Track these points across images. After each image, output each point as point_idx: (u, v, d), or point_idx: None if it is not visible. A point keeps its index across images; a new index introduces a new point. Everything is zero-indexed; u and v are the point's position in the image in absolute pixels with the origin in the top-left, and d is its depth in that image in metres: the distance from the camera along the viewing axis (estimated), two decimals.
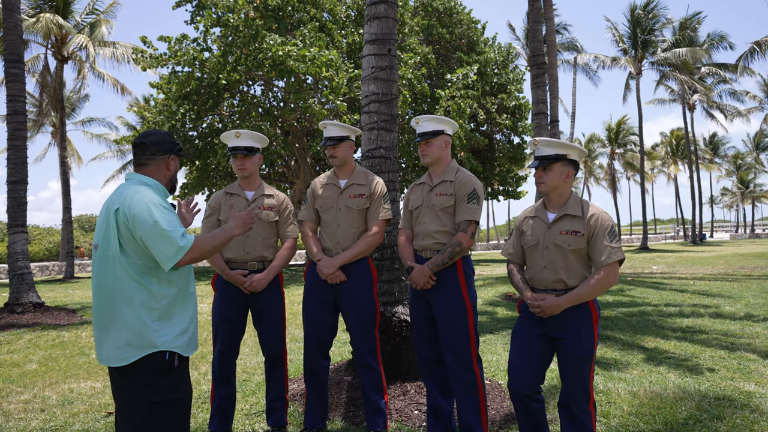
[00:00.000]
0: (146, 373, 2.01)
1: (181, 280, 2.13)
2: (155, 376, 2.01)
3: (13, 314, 8.30)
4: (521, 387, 2.63)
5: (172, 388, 2.05)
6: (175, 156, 2.28)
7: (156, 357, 2.01)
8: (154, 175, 2.21)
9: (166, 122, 15.22)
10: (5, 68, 9.16)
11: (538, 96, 9.55)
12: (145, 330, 1.99)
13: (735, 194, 63.48)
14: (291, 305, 9.00)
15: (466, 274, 3.00)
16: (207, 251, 2.11)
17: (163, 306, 2.04)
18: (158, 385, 2.01)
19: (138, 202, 2.01)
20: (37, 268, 20.74)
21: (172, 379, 2.04)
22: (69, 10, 19.46)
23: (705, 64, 32.34)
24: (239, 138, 3.30)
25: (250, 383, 4.51)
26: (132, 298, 2.00)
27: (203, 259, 2.17)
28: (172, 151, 2.25)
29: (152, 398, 2.00)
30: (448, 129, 3.11)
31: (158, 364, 2.01)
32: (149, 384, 2.01)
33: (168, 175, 2.26)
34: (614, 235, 2.57)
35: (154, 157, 2.21)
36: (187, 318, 2.13)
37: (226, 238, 2.20)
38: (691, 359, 4.93)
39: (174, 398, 2.04)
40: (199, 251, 2.06)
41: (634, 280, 12.35)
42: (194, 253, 2.04)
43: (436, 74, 19.45)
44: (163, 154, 2.22)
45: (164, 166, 2.23)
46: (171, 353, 2.04)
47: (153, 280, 2.03)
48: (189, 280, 2.18)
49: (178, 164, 2.32)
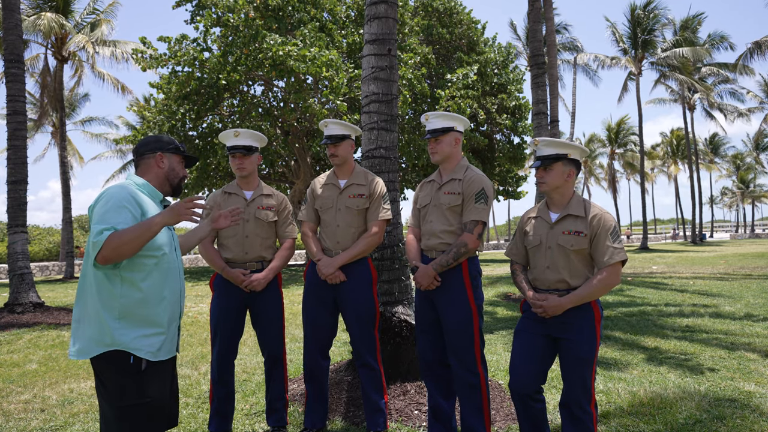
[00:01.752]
0: (114, 375, 2.00)
1: (148, 282, 2.06)
2: (121, 378, 1.99)
3: (13, 314, 8.30)
4: (522, 387, 2.62)
5: (139, 392, 2.00)
6: (167, 153, 2.27)
7: (121, 358, 1.99)
8: (143, 174, 2.25)
9: (166, 122, 15.22)
10: (5, 68, 9.16)
11: (538, 96, 9.55)
12: (105, 327, 1.99)
13: (735, 194, 63.48)
14: (291, 305, 9.00)
15: (472, 276, 2.92)
16: (120, 244, 1.91)
17: (123, 306, 2.00)
18: (124, 388, 1.99)
19: (102, 198, 2.04)
20: (37, 268, 20.74)
21: (139, 383, 2.00)
22: (69, 9, 19.46)
23: (705, 64, 32.34)
24: (238, 137, 3.29)
25: (250, 383, 4.51)
26: (96, 294, 2.02)
27: (128, 253, 1.94)
28: (162, 149, 2.26)
29: (118, 401, 1.99)
30: (458, 125, 3.03)
31: (121, 366, 1.99)
32: (116, 386, 2.00)
33: (161, 173, 2.26)
34: (617, 236, 2.57)
35: (143, 158, 2.25)
36: (158, 322, 2.08)
37: (145, 228, 1.96)
38: (691, 359, 4.93)
39: (139, 403, 2.00)
40: (111, 246, 1.90)
41: (634, 280, 12.35)
42: (107, 250, 1.90)
43: (436, 74, 19.44)
44: (151, 153, 2.24)
45: (154, 164, 2.25)
46: (135, 357, 2.00)
47: (117, 280, 2.02)
48: (163, 284, 2.11)
49: (174, 161, 2.29)
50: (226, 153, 3.33)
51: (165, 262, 2.14)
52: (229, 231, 3.29)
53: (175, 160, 2.30)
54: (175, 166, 2.30)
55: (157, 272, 2.10)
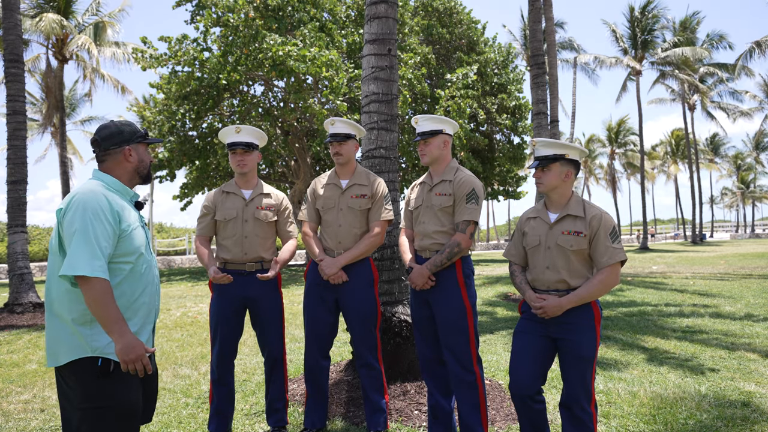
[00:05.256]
0: (79, 379, 1.94)
1: (123, 288, 2.01)
2: (86, 381, 1.93)
3: (13, 314, 8.30)
4: (523, 388, 2.62)
5: (105, 395, 1.94)
6: (136, 145, 2.14)
7: (87, 362, 1.93)
8: (111, 171, 2.11)
9: (166, 122, 15.22)
10: (5, 68, 9.16)
11: (538, 96, 9.55)
12: (76, 333, 1.93)
13: (735, 194, 63.48)
14: (291, 305, 9.00)
15: (466, 275, 2.99)
16: (94, 299, 1.87)
17: (86, 311, 1.93)
18: (89, 391, 1.94)
19: (75, 206, 1.93)
20: (37, 268, 20.70)
21: (105, 385, 1.94)
22: (70, 10, 19.47)
23: (705, 64, 32.35)
24: (239, 133, 3.27)
25: (250, 383, 4.51)
26: (64, 300, 1.95)
27: (88, 304, 1.90)
28: (129, 141, 2.12)
29: (82, 403, 1.93)
30: (447, 128, 3.09)
31: (89, 370, 1.93)
32: (80, 389, 1.94)
33: (129, 167, 2.13)
34: (616, 236, 2.57)
35: (108, 152, 2.10)
36: (132, 323, 2.02)
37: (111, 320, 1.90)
38: (691, 359, 4.92)
39: (104, 405, 1.93)
40: (91, 290, 1.86)
41: (633, 279, 12.34)
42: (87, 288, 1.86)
43: (436, 74, 19.43)
44: (117, 147, 2.10)
45: (122, 158, 2.11)
46: (104, 359, 1.94)
47: None
48: (138, 286, 2.06)
49: (141, 151, 2.17)
50: (226, 150, 3.30)
51: (140, 264, 2.08)
52: (227, 231, 3.29)
53: (141, 149, 2.17)
54: (143, 156, 2.17)
55: (132, 276, 2.04)
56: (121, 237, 2.00)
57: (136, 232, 2.07)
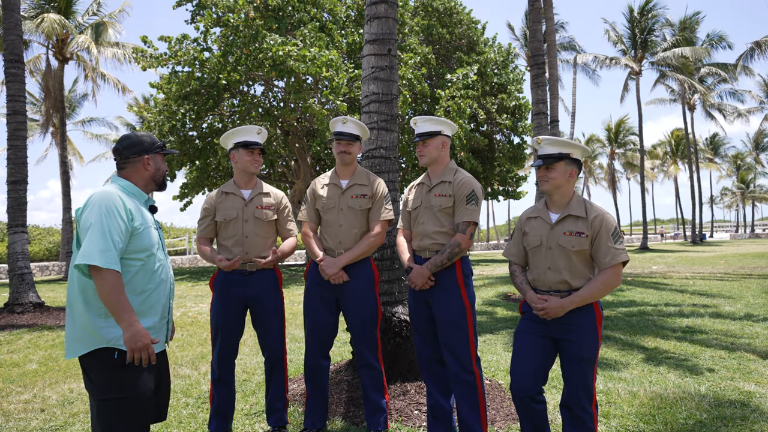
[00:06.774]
0: (96, 370, 2.07)
1: (135, 283, 2.12)
2: (103, 373, 2.06)
3: (13, 314, 8.30)
4: (523, 388, 2.62)
5: (119, 386, 2.06)
6: (154, 155, 2.31)
7: (104, 354, 2.05)
8: (130, 177, 2.28)
9: (166, 122, 15.22)
10: (5, 68, 9.16)
11: (538, 96, 9.55)
12: (91, 325, 2.05)
13: (735, 194, 63.49)
14: (291, 305, 9.00)
15: (465, 275, 3.00)
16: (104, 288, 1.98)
17: (100, 303, 2.05)
18: (109, 382, 2.06)
19: (91, 205, 2.07)
20: (37, 268, 20.72)
21: (119, 377, 2.06)
22: (71, 10, 19.46)
23: (705, 64, 32.35)
24: (260, 134, 3.34)
25: (250, 383, 4.51)
26: (81, 294, 2.08)
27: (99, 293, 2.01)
28: (149, 150, 2.29)
29: (99, 395, 2.07)
30: (445, 130, 3.11)
31: (106, 362, 2.05)
32: (102, 381, 2.06)
33: (147, 174, 2.31)
34: (618, 237, 2.56)
35: (129, 160, 2.28)
36: (144, 318, 2.13)
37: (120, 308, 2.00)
38: (691, 359, 4.93)
39: (119, 397, 2.05)
40: (103, 284, 1.98)
41: (634, 279, 12.34)
42: (99, 278, 1.98)
43: (436, 74, 19.44)
44: (137, 156, 2.28)
45: (140, 166, 2.29)
46: (120, 351, 2.06)
47: None
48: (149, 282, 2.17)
49: (158, 161, 2.34)
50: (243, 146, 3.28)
51: (151, 262, 2.20)
52: (228, 232, 3.29)
53: (158, 159, 2.35)
54: (160, 165, 2.35)
55: (143, 272, 2.16)
56: (134, 234, 2.13)
57: (148, 231, 2.20)
